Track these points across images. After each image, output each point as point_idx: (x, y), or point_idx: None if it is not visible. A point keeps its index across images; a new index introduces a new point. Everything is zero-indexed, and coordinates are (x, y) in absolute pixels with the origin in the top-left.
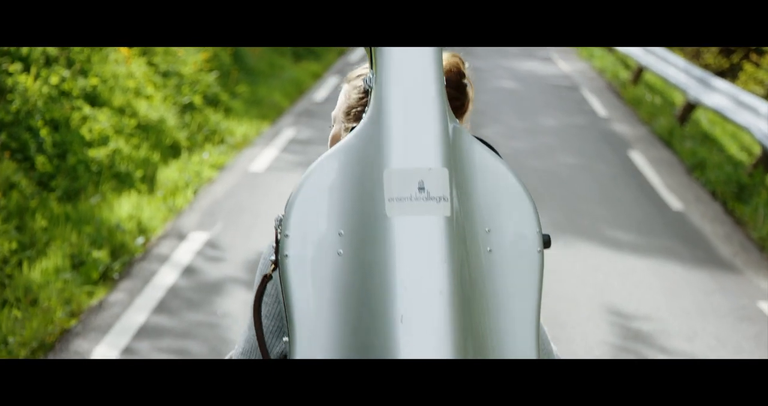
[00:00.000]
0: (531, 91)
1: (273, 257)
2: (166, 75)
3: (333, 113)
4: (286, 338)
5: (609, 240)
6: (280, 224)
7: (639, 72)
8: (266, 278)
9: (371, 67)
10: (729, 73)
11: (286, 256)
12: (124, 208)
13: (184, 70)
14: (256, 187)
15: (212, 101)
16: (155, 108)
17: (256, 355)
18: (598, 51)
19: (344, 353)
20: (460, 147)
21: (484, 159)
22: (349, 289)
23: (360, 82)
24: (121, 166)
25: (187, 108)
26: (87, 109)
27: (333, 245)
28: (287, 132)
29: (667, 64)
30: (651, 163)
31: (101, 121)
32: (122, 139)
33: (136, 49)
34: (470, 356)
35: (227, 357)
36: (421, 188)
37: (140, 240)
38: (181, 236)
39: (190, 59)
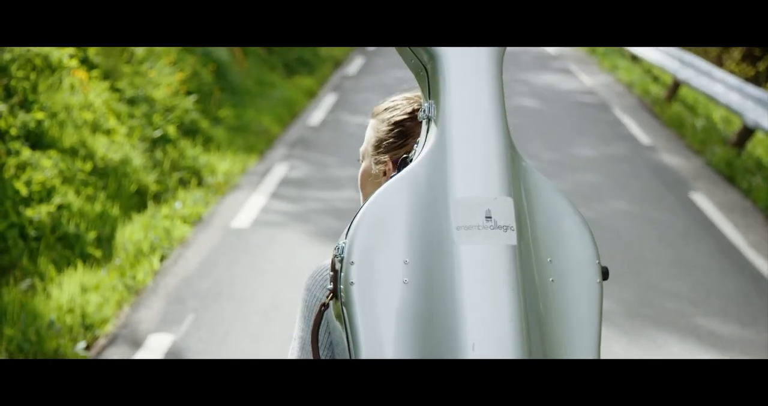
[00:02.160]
0: (555, 110)
1: (330, 286)
2: (132, 102)
3: (361, 149)
4: None
5: (705, 336)
6: (342, 251)
7: (675, 87)
8: (324, 307)
9: (428, 97)
10: (754, 82)
11: (352, 283)
12: (65, 291)
13: (156, 94)
14: (239, 252)
15: (189, 131)
16: (117, 146)
17: None
18: (622, 62)
19: None
20: (521, 177)
21: (543, 190)
22: (416, 317)
23: (388, 115)
24: (69, 227)
25: (159, 142)
26: (27, 154)
27: (399, 274)
28: (278, 169)
29: (712, 81)
30: (720, 209)
31: (45, 168)
32: (72, 190)
33: (96, 72)
34: None
35: None
36: (488, 217)
37: (81, 346)
38: (136, 341)
39: (164, 81)
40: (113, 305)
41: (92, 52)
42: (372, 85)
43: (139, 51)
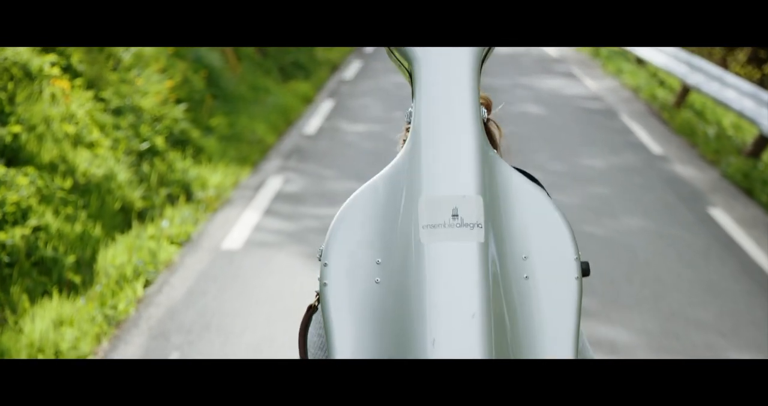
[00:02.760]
0: (561, 117)
1: (318, 289)
2: (118, 112)
3: None
4: None
5: None
6: (319, 252)
7: (684, 93)
8: (311, 309)
9: (412, 97)
10: (760, 85)
11: (325, 284)
12: (39, 325)
13: (144, 103)
14: (229, 278)
15: (179, 142)
16: (101, 160)
17: None
18: (626, 65)
19: None
20: (496, 175)
21: (520, 186)
22: (386, 316)
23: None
24: (46, 251)
25: (146, 155)
26: (1, 171)
27: (371, 274)
28: (273, 182)
29: (723, 86)
30: (741, 225)
31: (20, 186)
32: (50, 209)
33: (79, 80)
34: None
35: None
36: (455, 215)
37: None
38: None
39: (152, 89)
40: (91, 340)
41: (76, 59)
42: (369, 89)
43: (126, 57)
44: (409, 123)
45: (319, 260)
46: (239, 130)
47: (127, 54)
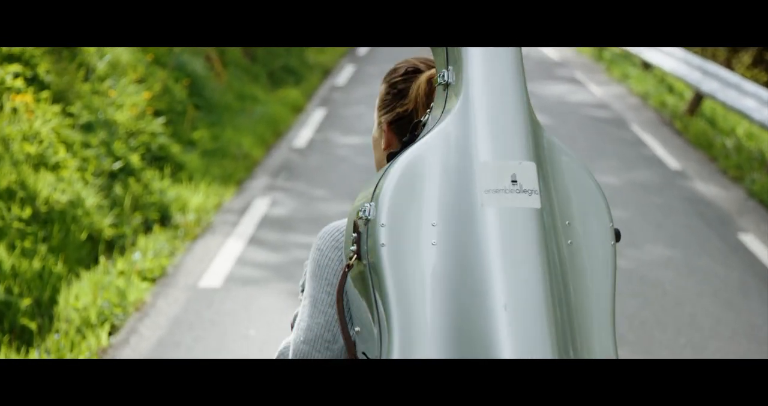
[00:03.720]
0: (568, 127)
1: (353, 247)
2: (89, 128)
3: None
4: (357, 329)
5: None
6: (367, 212)
7: (697, 100)
8: (348, 268)
9: (445, 64)
10: (767, 88)
11: (383, 245)
12: None
13: (119, 117)
14: (206, 324)
15: (157, 159)
16: (66, 184)
17: (321, 343)
18: (633, 70)
19: (446, 338)
20: (541, 143)
21: (561, 155)
22: (445, 278)
23: (387, 77)
24: None
25: (119, 175)
26: None
27: (427, 236)
28: (258, 205)
29: (742, 94)
30: None
31: None
32: (4, 244)
33: (46, 93)
34: (569, 348)
35: (282, 347)
36: (514, 181)
37: None
38: None
39: (128, 101)
40: None
41: (43, 68)
42: (363, 96)
43: (101, 66)
44: (445, 85)
45: (359, 218)
46: (224, 143)
47: (101, 62)
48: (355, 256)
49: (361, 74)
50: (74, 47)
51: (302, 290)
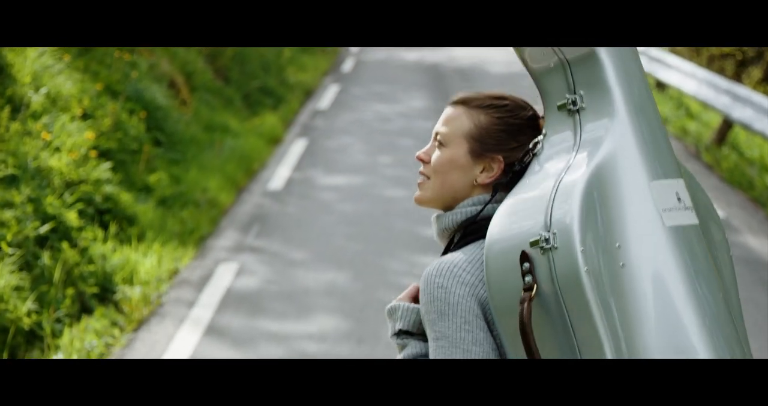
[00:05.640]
0: None
1: (528, 278)
2: (11, 182)
3: (443, 132)
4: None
5: None
6: (550, 240)
7: (725, 128)
8: (531, 299)
9: (572, 89)
10: None
11: (587, 271)
12: None
13: (54, 163)
14: None
15: (101, 213)
16: None
17: None
18: None
19: (656, 354)
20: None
21: (686, 172)
22: (644, 299)
23: (498, 113)
24: None
25: (48, 240)
26: None
27: (616, 258)
28: (222, 274)
29: None
30: None
31: None
32: None
33: None
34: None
35: None
36: (679, 199)
37: None
38: None
39: (68, 143)
40: None
41: None
42: (349, 123)
43: (35, 99)
44: (569, 109)
45: (538, 246)
46: (186, 188)
47: (36, 96)
48: (535, 285)
49: (345, 96)
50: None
51: (398, 334)
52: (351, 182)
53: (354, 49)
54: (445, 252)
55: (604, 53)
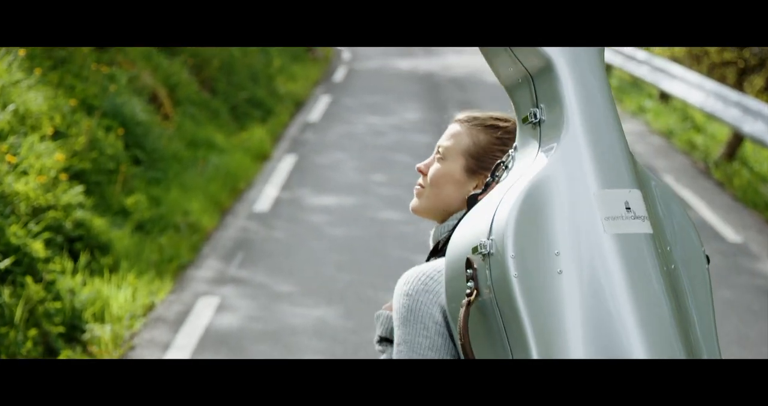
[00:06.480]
0: None
1: (470, 284)
2: None
3: (446, 146)
4: None
5: None
6: (488, 247)
7: (736, 143)
8: (470, 304)
9: (534, 103)
10: None
11: (516, 276)
12: None
13: (20, 188)
14: None
15: (72, 239)
16: None
17: None
18: (649, 102)
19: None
20: (638, 170)
21: (650, 181)
22: (578, 304)
23: (498, 134)
24: None
25: (11, 274)
26: None
27: (552, 265)
28: (202, 309)
29: None
30: None
31: None
32: None
33: None
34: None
35: None
36: (628, 208)
37: None
38: None
39: (36, 165)
40: None
41: None
42: (340, 137)
43: (0, 118)
44: (532, 122)
45: (478, 254)
46: (166, 210)
47: (2, 114)
48: (475, 291)
49: (337, 107)
50: None
51: (380, 341)
52: (342, 203)
53: (346, 58)
54: (428, 261)
55: (561, 66)
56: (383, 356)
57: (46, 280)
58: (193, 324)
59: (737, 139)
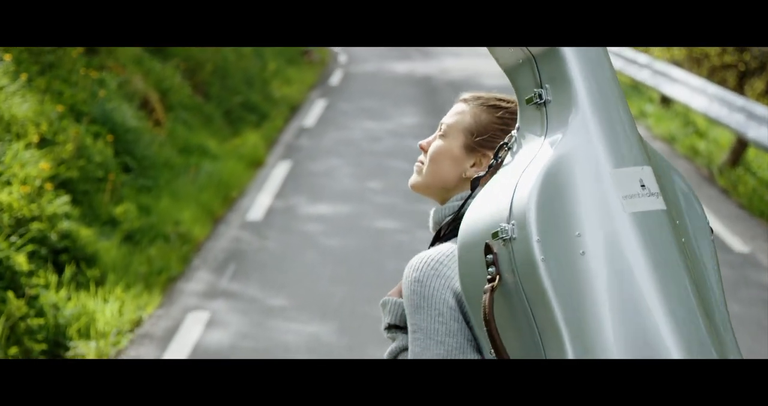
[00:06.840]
0: None
1: (492, 269)
2: None
3: (448, 123)
4: (492, 351)
5: None
6: (510, 232)
7: (741, 148)
8: (494, 289)
9: (539, 83)
10: None
11: (543, 259)
12: None
13: (3, 199)
14: None
15: (57, 251)
16: None
17: None
18: (650, 107)
19: (618, 341)
20: (647, 148)
21: (657, 158)
22: (603, 284)
23: (499, 113)
24: None
25: None
26: None
27: (575, 246)
28: (191, 324)
29: None
30: None
31: None
32: None
33: None
34: (718, 347)
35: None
36: (643, 185)
37: None
38: None
39: (20, 175)
40: None
41: None
42: (336, 143)
43: None
44: (536, 103)
45: (498, 239)
46: (156, 220)
47: None
48: (498, 276)
49: (333, 112)
50: None
51: (388, 328)
52: (337, 212)
53: (342, 61)
54: (431, 246)
55: (567, 47)
56: (394, 344)
57: (29, 294)
58: (180, 342)
59: (741, 144)
